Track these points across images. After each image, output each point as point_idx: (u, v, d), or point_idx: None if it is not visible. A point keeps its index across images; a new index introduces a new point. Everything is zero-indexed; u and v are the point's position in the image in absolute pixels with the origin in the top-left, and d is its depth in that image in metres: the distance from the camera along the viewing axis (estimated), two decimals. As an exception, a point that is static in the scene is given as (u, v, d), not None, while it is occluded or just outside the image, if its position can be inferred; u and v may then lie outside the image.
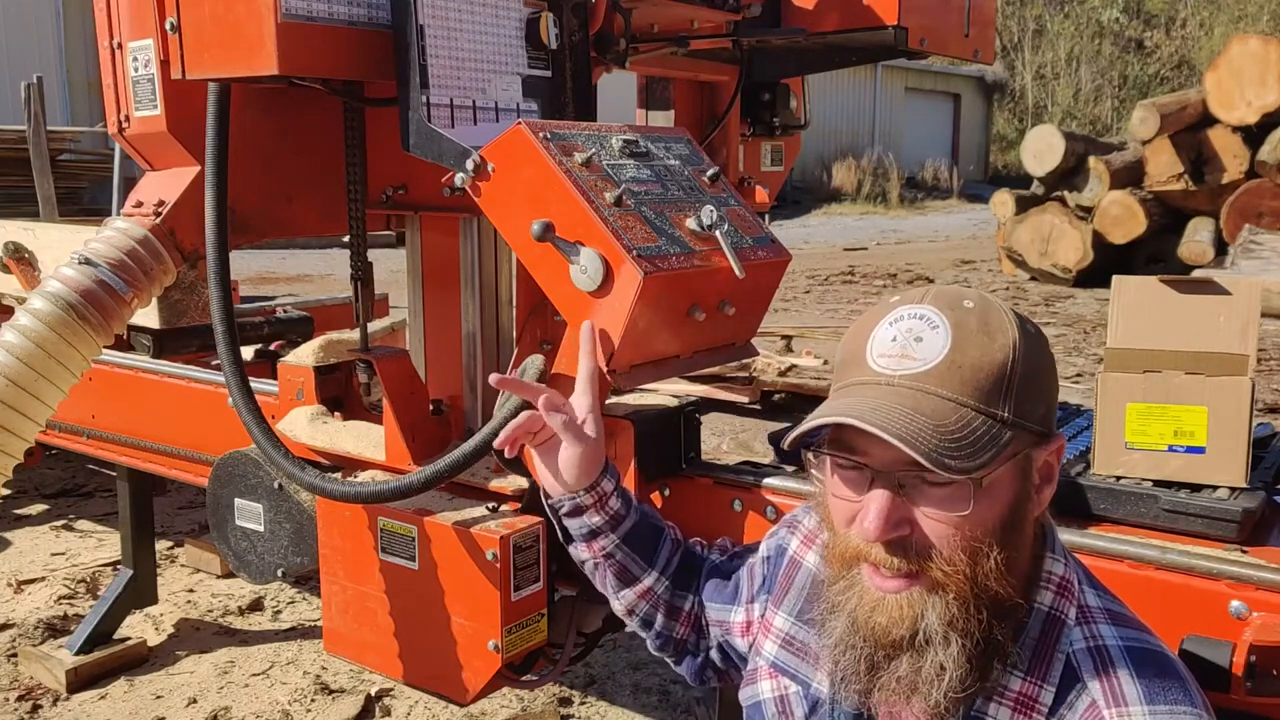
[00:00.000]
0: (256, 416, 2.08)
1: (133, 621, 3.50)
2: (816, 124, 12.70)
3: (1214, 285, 1.89)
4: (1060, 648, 1.15)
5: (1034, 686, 1.14)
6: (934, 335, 1.12)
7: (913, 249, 15.84)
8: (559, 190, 1.69)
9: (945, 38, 2.72)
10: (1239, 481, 1.80)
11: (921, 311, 1.14)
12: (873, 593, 1.14)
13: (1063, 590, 1.19)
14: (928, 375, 1.11)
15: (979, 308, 1.15)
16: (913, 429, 1.07)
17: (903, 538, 1.12)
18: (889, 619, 1.13)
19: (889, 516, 1.11)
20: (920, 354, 1.12)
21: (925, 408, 1.09)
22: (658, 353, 1.78)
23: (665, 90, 3.03)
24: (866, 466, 1.12)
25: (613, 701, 3.08)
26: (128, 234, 2.16)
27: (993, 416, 1.10)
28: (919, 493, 1.11)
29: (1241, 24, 28.42)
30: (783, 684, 1.37)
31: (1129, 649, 1.14)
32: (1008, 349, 1.12)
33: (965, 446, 1.08)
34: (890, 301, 1.19)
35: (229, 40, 1.89)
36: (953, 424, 1.08)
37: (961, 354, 1.11)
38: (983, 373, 1.10)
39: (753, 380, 5.28)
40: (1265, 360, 7.39)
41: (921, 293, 1.18)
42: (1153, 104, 10.72)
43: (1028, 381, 1.12)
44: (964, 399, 1.10)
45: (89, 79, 13.86)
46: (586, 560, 1.58)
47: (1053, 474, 1.19)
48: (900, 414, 1.08)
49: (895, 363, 1.13)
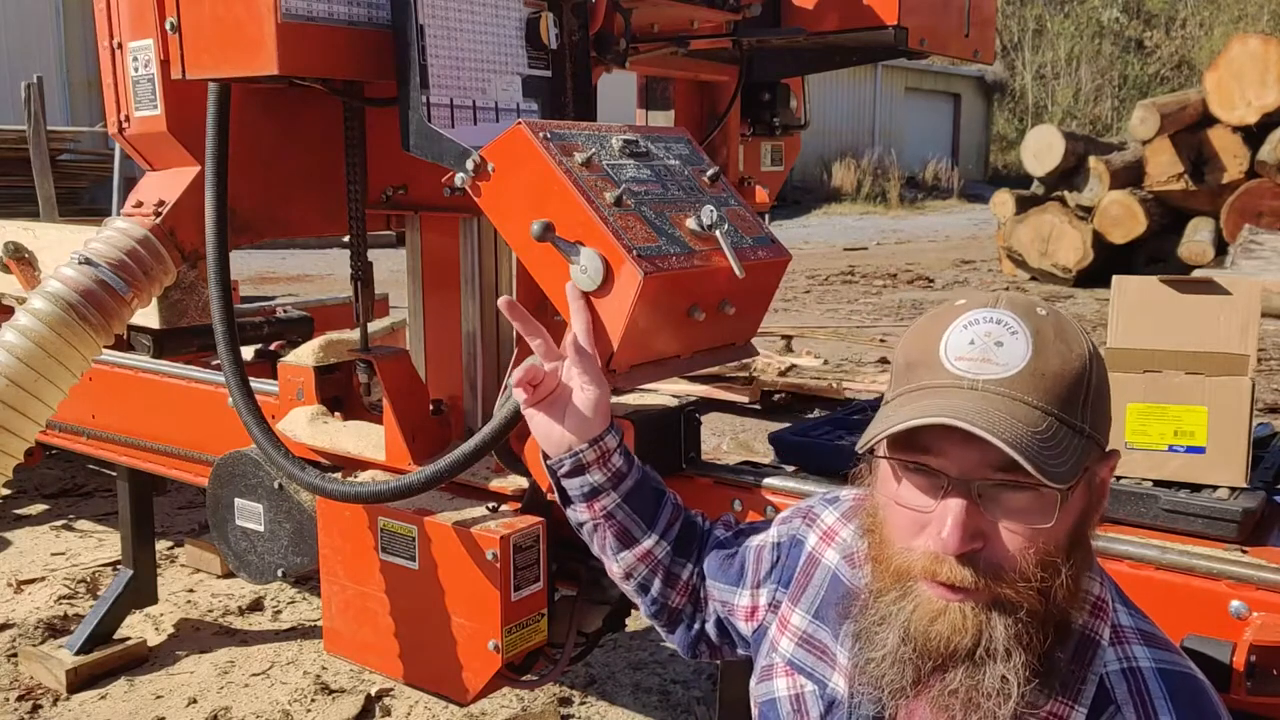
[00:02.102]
0: (256, 416, 2.08)
1: (133, 621, 3.50)
2: (816, 124, 12.71)
3: (1214, 285, 1.89)
4: (1094, 669, 1.12)
5: (1065, 708, 1.11)
6: (1014, 341, 1.08)
7: (913, 249, 15.84)
8: (559, 190, 1.69)
9: (945, 38, 2.72)
10: (1239, 481, 1.80)
11: (998, 316, 1.11)
12: (934, 601, 1.09)
13: (1097, 610, 1.16)
14: (1013, 381, 1.06)
15: (1052, 317, 1.12)
16: (1016, 433, 1.02)
17: (974, 552, 1.07)
18: (951, 629, 1.08)
19: (967, 527, 1.06)
20: (1002, 359, 1.08)
21: (1018, 413, 1.05)
22: (658, 353, 1.78)
23: (665, 90, 3.03)
24: (943, 474, 1.08)
25: (613, 701, 3.08)
26: (128, 234, 2.16)
27: (1073, 427, 1.07)
28: (998, 502, 1.07)
29: (1241, 24, 28.41)
30: (799, 682, 1.36)
31: (1163, 672, 1.12)
32: (1085, 359, 1.10)
33: (1057, 453, 1.04)
34: (956, 305, 1.15)
35: (229, 40, 1.89)
36: (1044, 430, 1.05)
37: (1044, 362, 1.07)
38: (1064, 382, 1.07)
39: (753, 380, 5.29)
40: (1265, 360, 7.39)
41: (994, 298, 1.14)
42: (1153, 104, 10.72)
43: (1100, 394, 1.11)
44: (1050, 407, 1.06)
45: (89, 79, 13.86)
46: (586, 521, 1.54)
47: (1106, 489, 1.16)
48: (999, 417, 1.04)
49: (977, 366, 1.08)
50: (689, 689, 3.17)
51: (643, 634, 3.45)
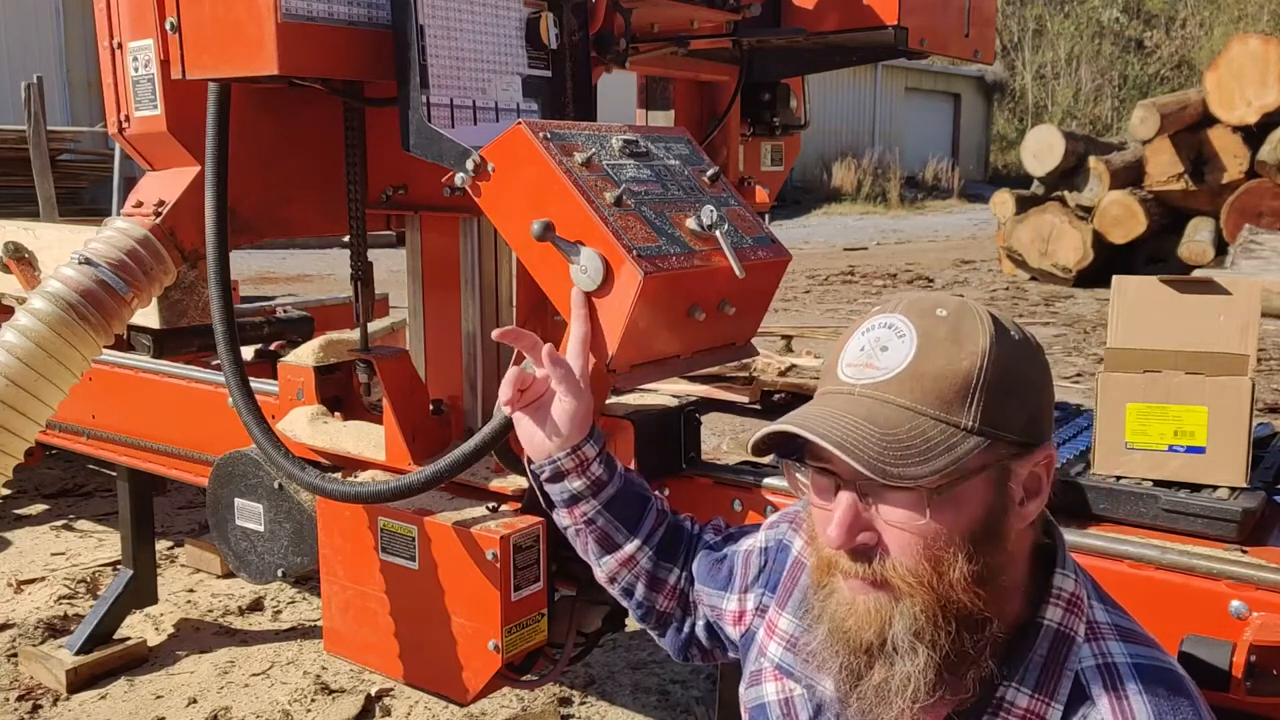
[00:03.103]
0: (256, 416, 2.08)
1: (133, 621, 3.50)
2: (816, 124, 12.69)
3: (1214, 285, 1.89)
4: (1069, 665, 1.13)
5: (1041, 704, 1.12)
6: (899, 344, 1.12)
7: (913, 249, 15.84)
8: (559, 190, 1.69)
9: (945, 38, 2.72)
10: (1239, 481, 1.80)
11: (891, 321, 1.14)
12: (846, 594, 1.15)
13: (1072, 606, 1.17)
14: (887, 384, 1.11)
15: (953, 317, 1.13)
16: (854, 436, 1.07)
17: (866, 546, 1.12)
18: (858, 622, 1.13)
19: (850, 525, 1.11)
20: (883, 363, 1.12)
21: (878, 416, 1.09)
22: (658, 353, 1.78)
23: (665, 90, 3.03)
24: (833, 474, 1.13)
25: (613, 701, 3.08)
26: (128, 234, 2.16)
27: (953, 425, 1.09)
28: (880, 498, 1.11)
29: (1241, 24, 28.41)
30: (788, 686, 1.37)
31: (1138, 666, 1.13)
32: (976, 357, 1.10)
33: (914, 454, 1.07)
34: (871, 310, 1.20)
35: (229, 40, 1.89)
36: (904, 432, 1.08)
37: (925, 362, 1.10)
38: (945, 381, 1.09)
39: (753, 380, 5.27)
40: (1265, 360, 7.39)
41: (897, 301, 1.18)
42: (1153, 104, 10.72)
43: (1000, 391, 1.10)
44: (921, 407, 1.09)
45: (89, 79, 13.86)
46: (568, 526, 1.57)
47: (1041, 486, 1.16)
48: (847, 422, 1.09)
49: (859, 372, 1.13)
50: (688, 689, 3.17)
51: (642, 634, 3.43)
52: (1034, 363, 1.16)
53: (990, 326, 1.13)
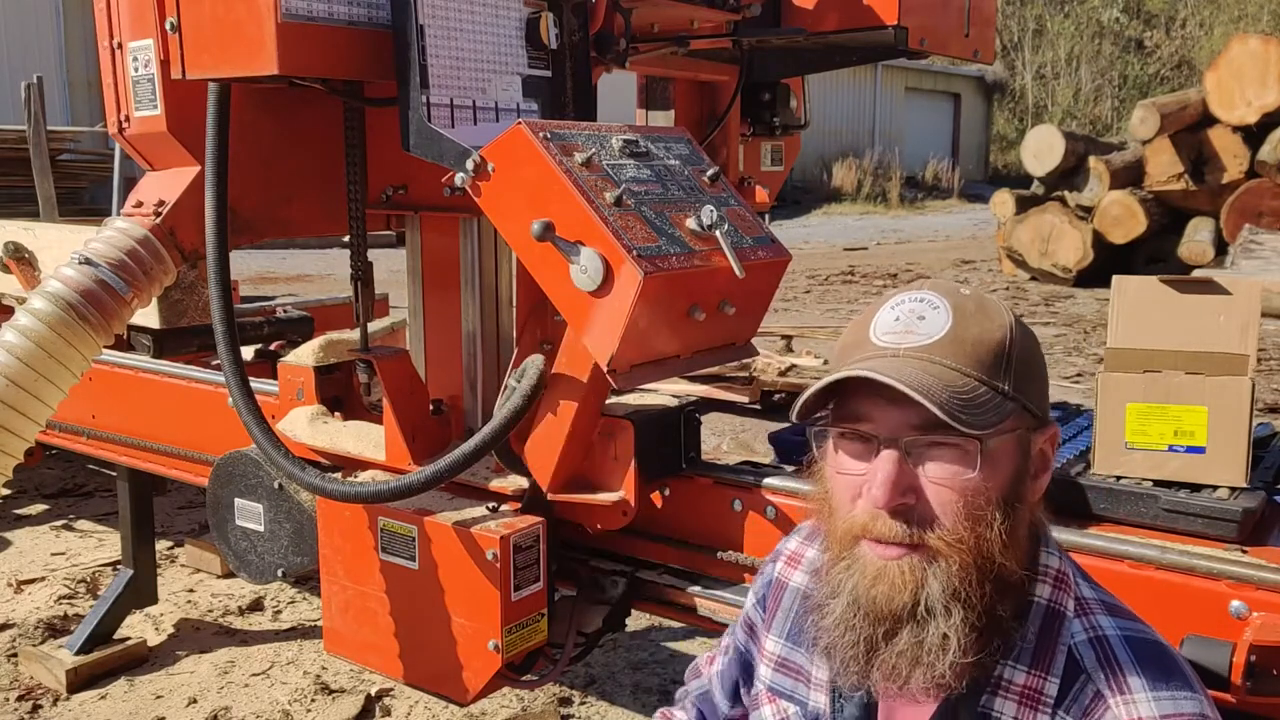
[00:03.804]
0: (256, 416, 2.08)
1: (133, 621, 3.50)
2: (816, 124, 12.69)
3: (1214, 285, 1.89)
4: (1062, 640, 1.17)
5: (1038, 679, 1.16)
6: (935, 314, 1.17)
7: (913, 249, 15.84)
8: (559, 190, 1.69)
9: (945, 38, 2.72)
10: (1239, 481, 1.80)
11: (922, 295, 1.20)
12: (875, 563, 1.15)
13: (1060, 583, 1.21)
14: (933, 347, 1.15)
15: (975, 295, 1.21)
16: (928, 385, 1.10)
17: (907, 506, 1.14)
18: (890, 587, 1.13)
19: (897, 482, 1.12)
20: (924, 330, 1.16)
21: (935, 372, 1.13)
22: (658, 353, 1.78)
23: (665, 90, 3.03)
24: (873, 436, 1.15)
25: (613, 701, 3.08)
26: (128, 234, 2.16)
27: (995, 388, 1.14)
28: (925, 457, 1.13)
29: (1241, 24, 28.40)
30: (782, 707, 1.38)
31: (1128, 638, 1.17)
32: (1005, 329, 1.17)
33: (974, 407, 1.11)
34: (887, 294, 1.24)
35: (229, 40, 1.89)
36: (960, 387, 1.12)
37: (964, 329, 1.15)
38: (984, 347, 1.15)
39: (753, 380, 5.28)
40: (1265, 360, 7.39)
41: (920, 283, 1.24)
42: (1153, 104, 10.71)
43: (1024, 363, 1.17)
44: (967, 369, 1.14)
45: (89, 79, 13.85)
46: None
47: (1048, 462, 1.22)
48: (914, 374, 1.11)
49: (900, 338, 1.16)
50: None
51: (643, 634, 3.45)
52: (1039, 346, 1.24)
53: (1008, 309, 1.21)
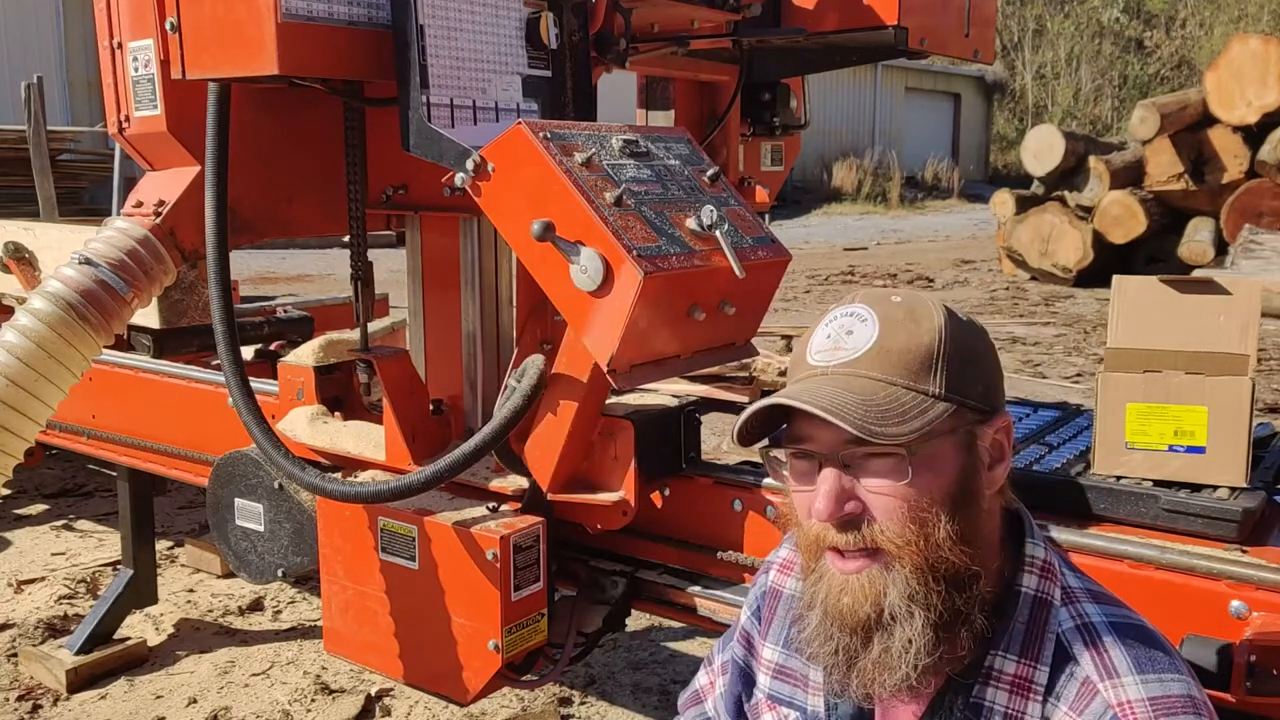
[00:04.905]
0: (256, 416, 2.08)
1: (133, 621, 3.50)
2: (816, 124, 12.69)
3: (1214, 285, 1.89)
4: (1050, 629, 1.20)
5: (1028, 668, 1.18)
6: (863, 327, 1.20)
7: (913, 249, 15.84)
8: (559, 190, 1.69)
9: (945, 38, 2.72)
10: (1239, 481, 1.80)
11: (852, 309, 1.23)
12: (837, 577, 1.19)
13: (1046, 573, 1.23)
14: (857, 361, 1.18)
15: (906, 302, 1.23)
16: (838, 403, 1.14)
17: (853, 515, 1.17)
18: (853, 599, 1.17)
19: (836, 496, 1.17)
20: (850, 344, 1.20)
21: (854, 387, 1.16)
22: (658, 353, 1.78)
23: (665, 90, 3.03)
24: (813, 453, 1.19)
25: (613, 701, 3.08)
26: (128, 234, 2.16)
27: (921, 392, 1.17)
28: (862, 469, 1.17)
29: (1241, 24, 28.41)
30: (782, 714, 1.40)
31: (1114, 624, 1.19)
32: (934, 331, 1.19)
33: (893, 416, 1.14)
34: (829, 308, 1.27)
35: (229, 40, 1.89)
36: (880, 399, 1.15)
37: (889, 340, 1.18)
38: (909, 354, 1.18)
39: (753, 380, 5.26)
40: (1265, 360, 7.39)
41: (854, 295, 1.27)
42: (1153, 104, 10.71)
43: (959, 361, 1.19)
44: (891, 378, 1.17)
45: (89, 79, 13.85)
46: None
47: (1004, 452, 1.24)
48: (828, 393, 1.16)
49: (829, 355, 1.21)
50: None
51: (643, 634, 3.45)
52: (981, 339, 1.25)
53: (941, 307, 1.22)
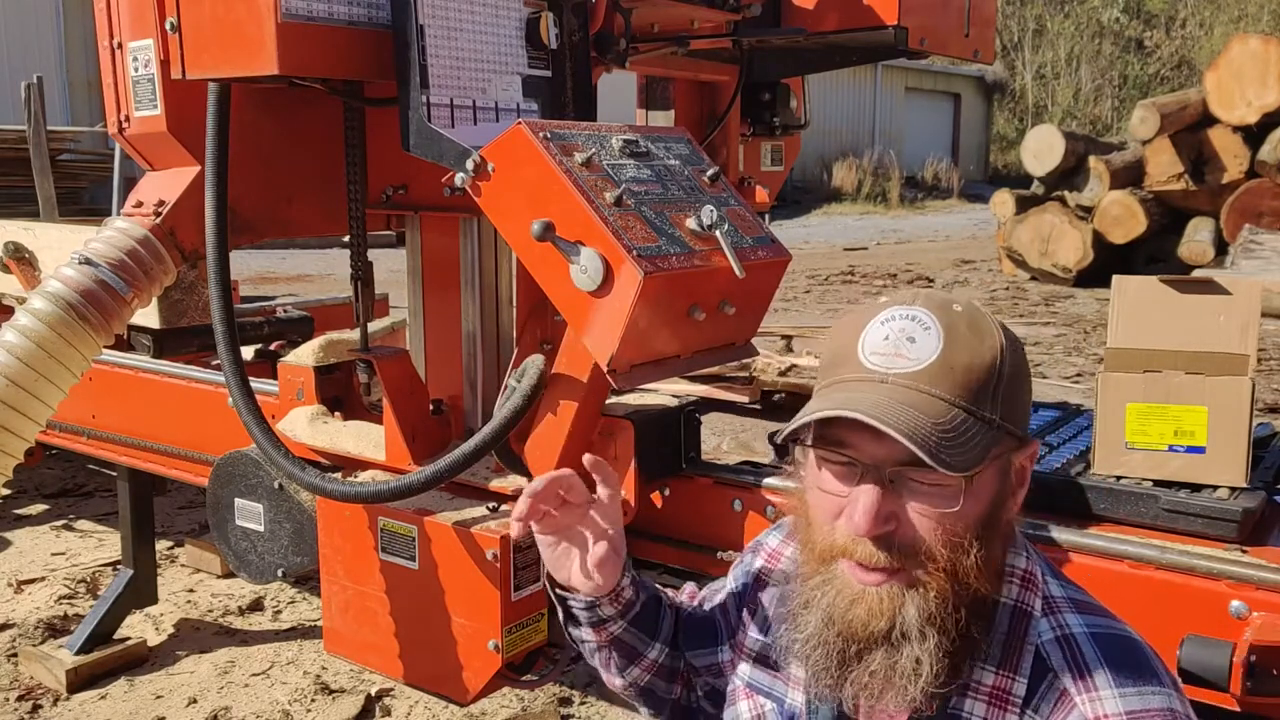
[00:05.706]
0: (256, 416, 2.08)
1: (133, 621, 3.50)
2: (816, 124, 12.69)
3: (1214, 285, 1.89)
4: (1029, 640, 1.17)
5: (1006, 680, 1.16)
6: (927, 336, 1.14)
7: (913, 249, 15.84)
8: (559, 190, 1.69)
9: (945, 38, 2.72)
10: (1239, 481, 1.80)
11: (913, 313, 1.16)
12: (853, 585, 1.15)
13: (1026, 583, 1.21)
14: (922, 374, 1.12)
15: (967, 312, 1.17)
16: (914, 425, 1.08)
17: (888, 534, 1.13)
18: (868, 612, 1.13)
19: (878, 513, 1.11)
20: (914, 353, 1.13)
21: (922, 405, 1.10)
22: (658, 353, 1.78)
23: (665, 90, 3.03)
24: (856, 461, 1.13)
25: (613, 701, 3.08)
26: (128, 234, 2.16)
27: (981, 418, 1.12)
28: (907, 489, 1.12)
29: (1241, 24, 28.41)
30: (759, 703, 1.38)
31: (1095, 635, 1.16)
32: (996, 352, 1.14)
33: (959, 444, 1.09)
34: (879, 302, 1.21)
35: (229, 40, 1.89)
36: (947, 423, 1.10)
37: (954, 355, 1.13)
38: (973, 374, 1.13)
39: (753, 380, 5.27)
40: (1265, 360, 7.39)
41: (911, 295, 1.20)
42: (1153, 104, 10.71)
43: (1012, 385, 1.15)
44: (955, 399, 1.11)
45: (89, 79, 13.85)
46: (589, 642, 1.49)
47: (1026, 477, 1.21)
48: (900, 410, 1.09)
49: (889, 360, 1.14)
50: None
51: (643, 634, 3.45)
52: (1025, 358, 1.21)
53: (997, 323, 1.18)
